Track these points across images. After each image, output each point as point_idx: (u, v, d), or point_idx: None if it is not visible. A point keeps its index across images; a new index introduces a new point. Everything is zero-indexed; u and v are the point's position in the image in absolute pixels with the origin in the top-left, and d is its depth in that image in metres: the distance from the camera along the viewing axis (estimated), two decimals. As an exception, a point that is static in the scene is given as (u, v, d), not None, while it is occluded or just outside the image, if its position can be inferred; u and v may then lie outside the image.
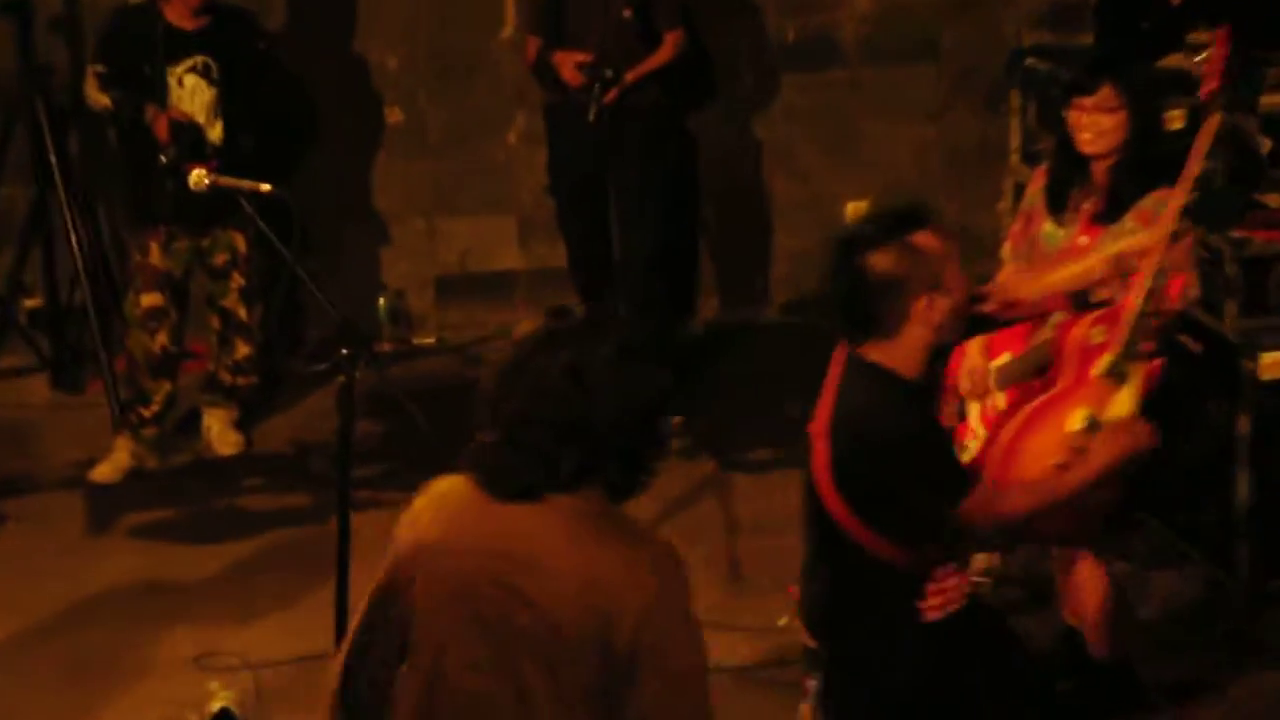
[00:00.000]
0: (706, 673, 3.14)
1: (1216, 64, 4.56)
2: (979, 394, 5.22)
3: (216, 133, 6.57)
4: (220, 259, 6.75)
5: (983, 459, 4.47)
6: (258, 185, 4.93)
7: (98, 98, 6.58)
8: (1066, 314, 4.82)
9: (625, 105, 6.95)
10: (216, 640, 5.58)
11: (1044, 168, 5.18)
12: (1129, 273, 4.55)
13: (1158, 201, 4.78)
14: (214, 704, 5.11)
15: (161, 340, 6.72)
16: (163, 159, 6.41)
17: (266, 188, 4.90)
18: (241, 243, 6.72)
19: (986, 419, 5.17)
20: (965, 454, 5.27)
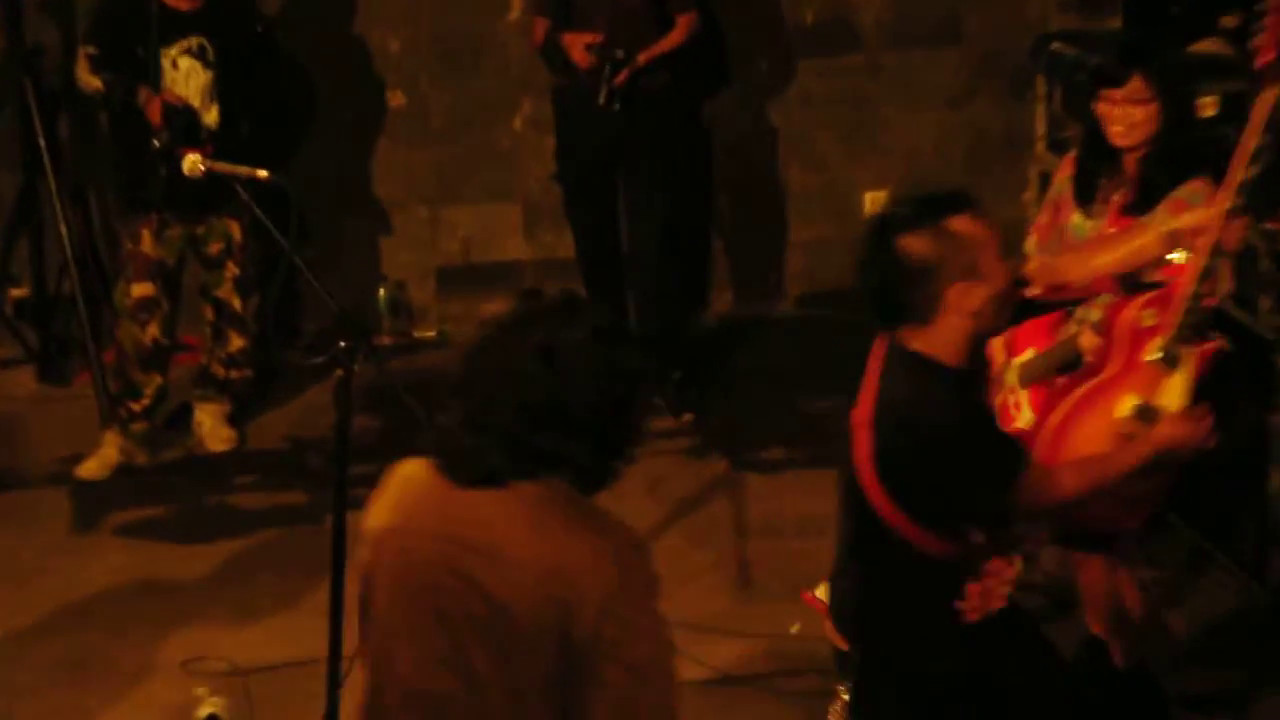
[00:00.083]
0: (672, 665, 3.13)
1: (1273, 35, 4.52)
2: (994, 390, 5.22)
3: (212, 117, 6.56)
4: (215, 248, 6.75)
5: (1029, 445, 4.46)
6: (254, 171, 4.93)
7: (89, 80, 6.58)
8: (1115, 296, 4.78)
9: (636, 90, 6.95)
10: (206, 644, 5.59)
11: (1071, 157, 5.17)
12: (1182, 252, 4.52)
13: (1192, 193, 4.77)
14: (202, 710, 5.12)
15: (153, 332, 6.72)
16: (156, 144, 6.41)
17: (263, 174, 4.90)
18: (237, 231, 6.72)
19: (1006, 418, 5.17)
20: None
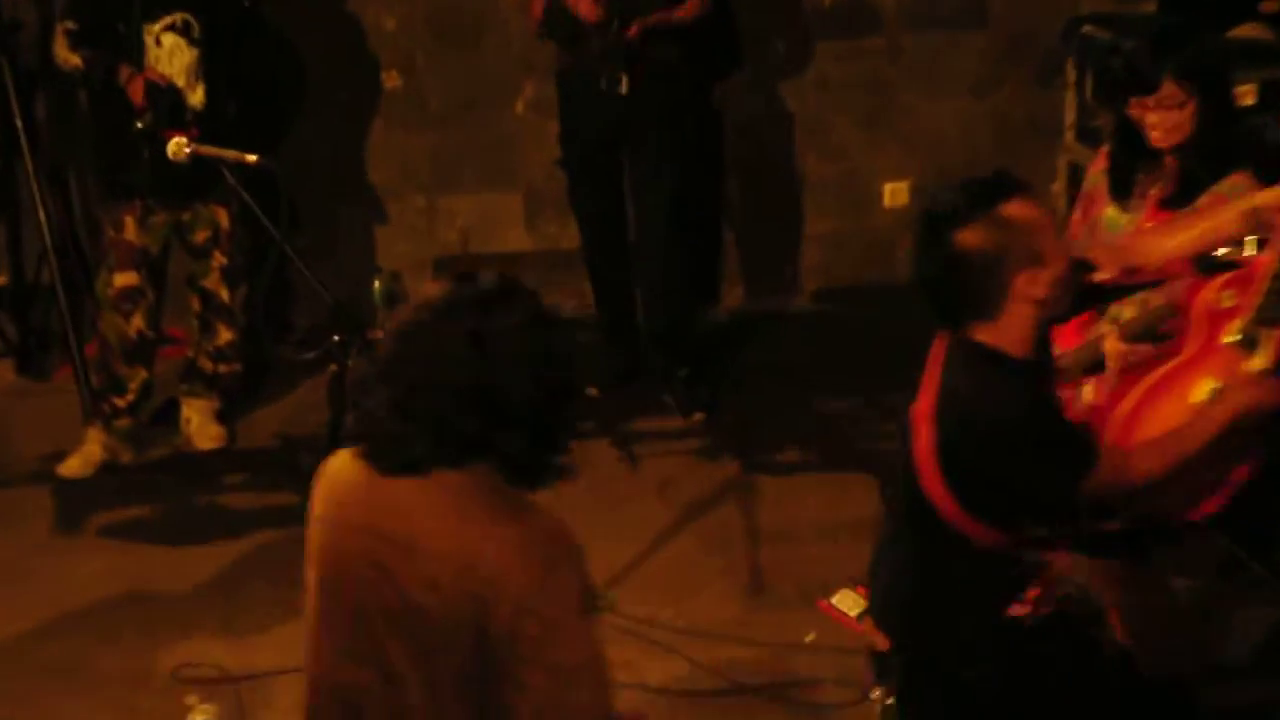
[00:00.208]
0: (602, 670, 3.16)
1: None
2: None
3: (197, 97, 6.57)
4: (201, 235, 6.77)
5: (1101, 432, 4.47)
6: (242, 155, 4.96)
7: (67, 57, 6.58)
8: (1191, 277, 4.78)
9: (644, 73, 6.97)
10: (195, 650, 5.61)
11: (1105, 150, 5.18)
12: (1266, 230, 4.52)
13: (1233, 186, 4.79)
14: (192, 719, 5.14)
15: (137, 323, 6.74)
16: (139, 125, 6.42)
17: (252, 158, 4.94)
18: (224, 218, 6.75)
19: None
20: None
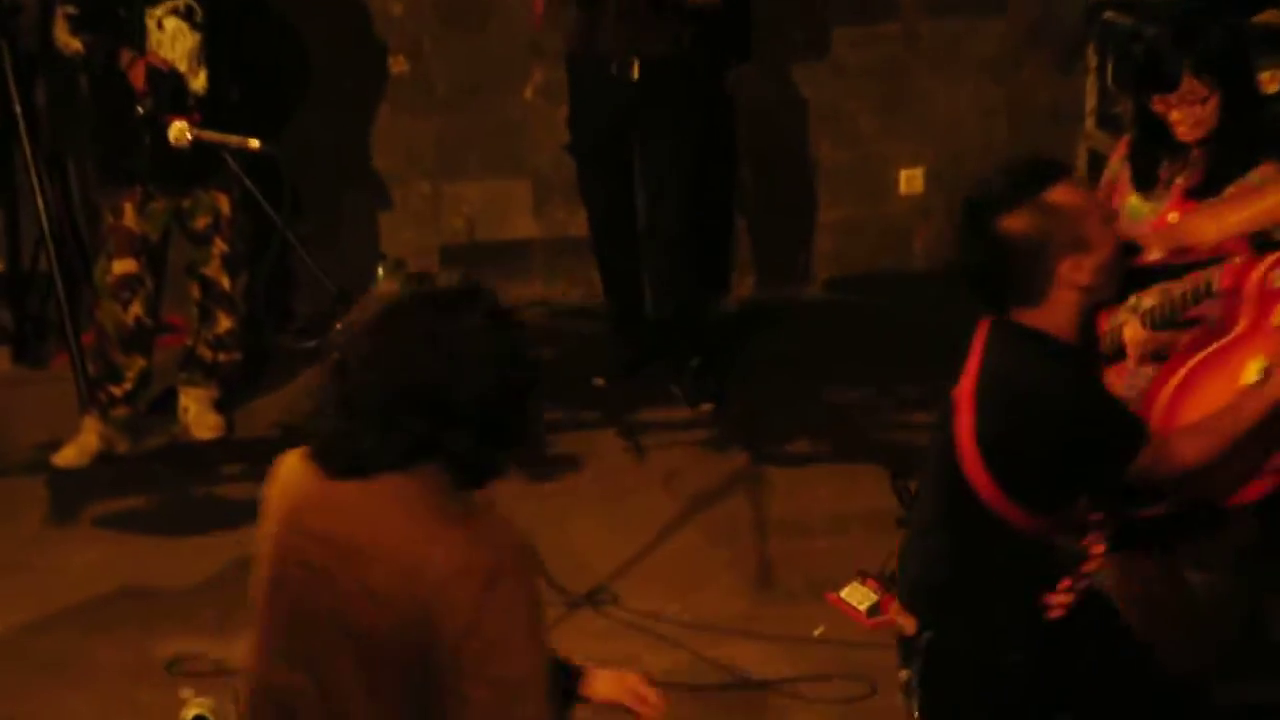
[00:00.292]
0: (544, 685, 3.14)
1: None
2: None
3: (200, 82, 6.59)
4: (201, 222, 6.78)
5: (1147, 413, 4.48)
6: (245, 141, 4.98)
7: (68, 41, 6.60)
8: (1246, 256, 4.78)
9: (654, 58, 6.99)
10: (192, 643, 5.63)
11: (1127, 137, 5.19)
12: None
13: (1263, 178, 4.81)
14: (189, 712, 5.16)
15: (135, 311, 6.76)
16: (139, 110, 6.44)
17: (255, 144, 4.95)
18: (225, 204, 6.76)
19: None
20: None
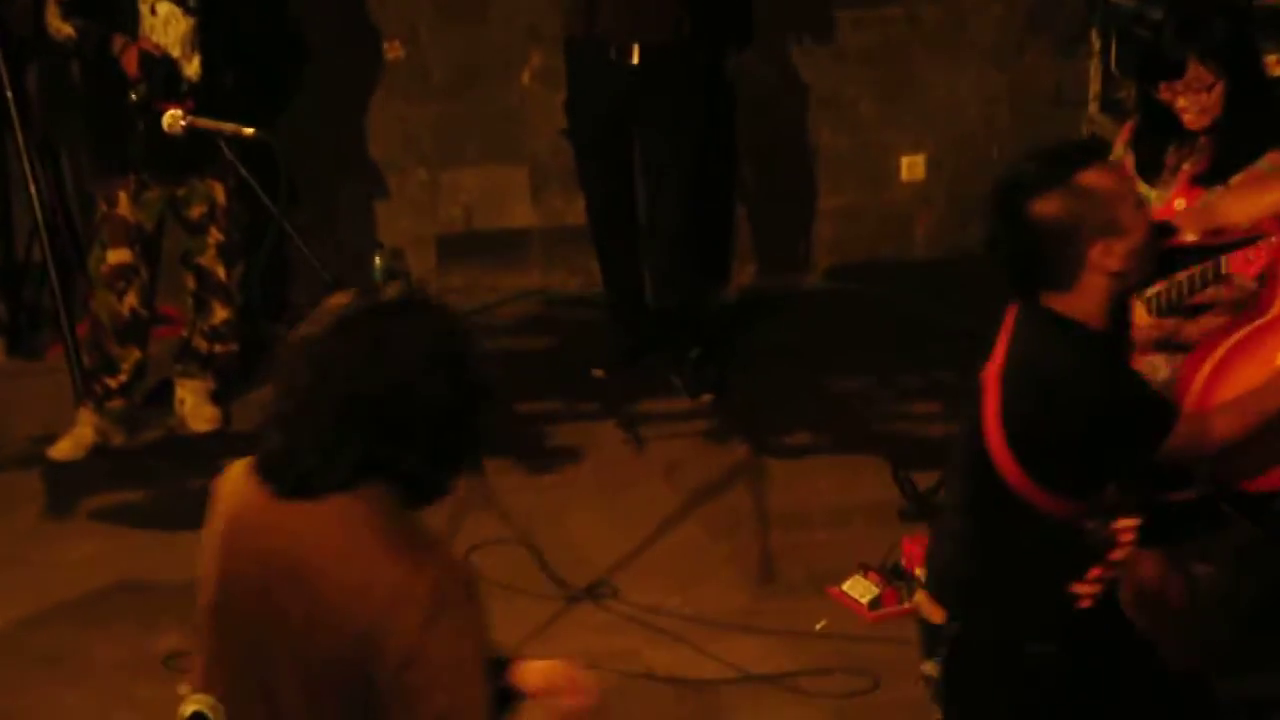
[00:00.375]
0: (487, 715, 3.12)
1: None
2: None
3: (193, 68, 6.59)
4: (196, 211, 6.80)
5: (1179, 396, 4.50)
6: (240, 128, 5.00)
7: (60, 27, 6.59)
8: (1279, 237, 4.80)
9: (654, 43, 7.00)
10: (189, 638, 5.65)
11: (1131, 123, 5.22)
12: None
13: (1272, 165, 4.84)
14: (187, 708, 5.16)
15: (130, 302, 6.77)
16: (133, 97, 6.45)
17: (250, 131, 4.97)
18: (221, 193, 6.76)
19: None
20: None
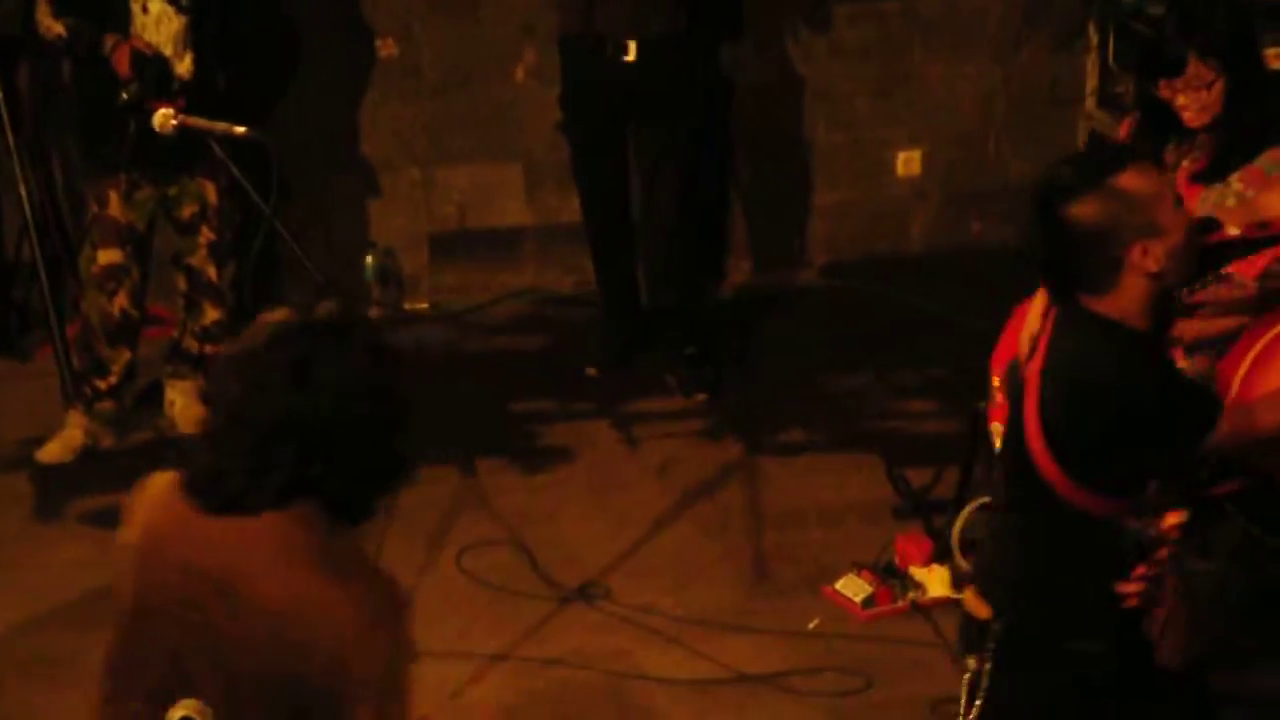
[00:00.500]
0: None
1: None
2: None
3: (185, 66, 6.59)
4: (188, 211, 6.80)
5: (1220, 392, 4.53)
6: (231, 127, 5.01)
7: (50, 25, 6.60)
8: None
9: (651, 38, 7.03)
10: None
11: (1129, 119, 5.25)
12: None
13: (1272, 161, 4.88)
14: (175, 713, 5.21)
15: (121, 302, 6.77)
16: (124, 96, 6.45)
17: (241, 130, 4.98)
18: (212, 193, 6.76)
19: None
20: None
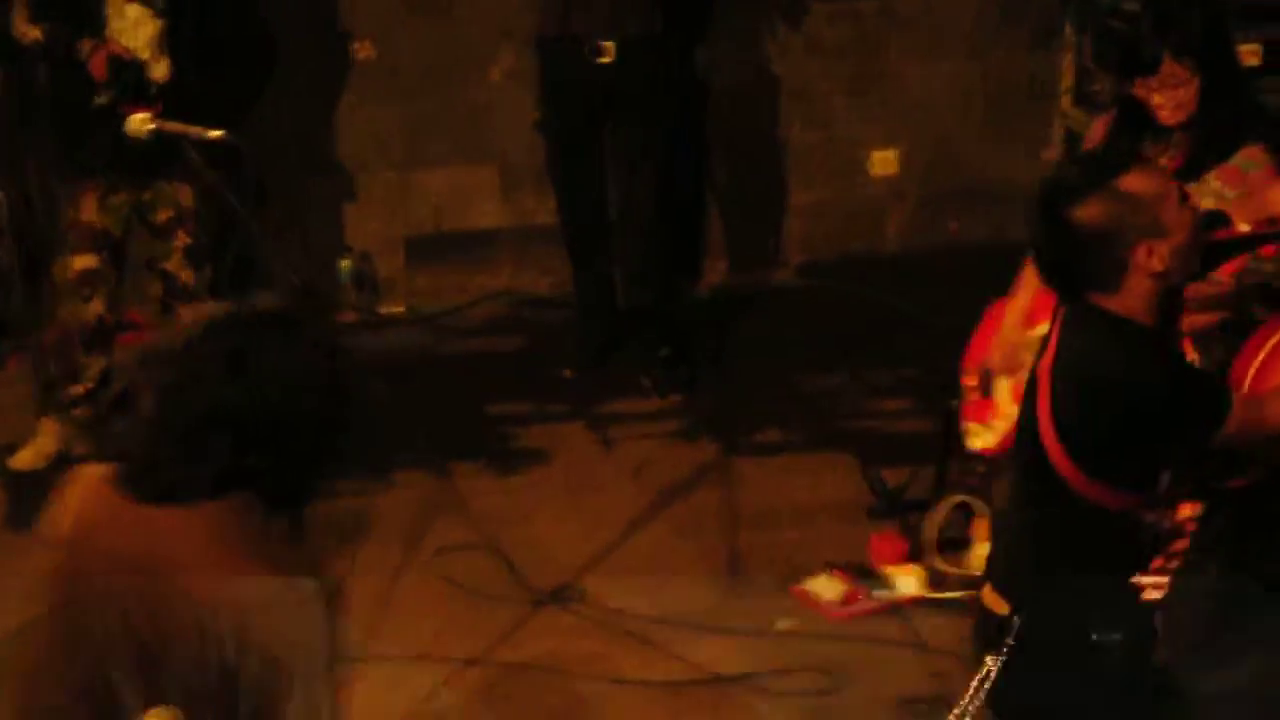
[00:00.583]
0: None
1: None
2: (1011, 369, 5.36)
3: (162, 70, 6.57)
4: (163, 215, 6.78)
5: (1235, 384, 4.57)
6: (206, 131, 5.01)
7: (26, 31, 6.59)
8: None
9: (629, 38, 7.07)
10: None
11: (1106, 117, 5.29)
12: None
13: (1247, 159, 4.95)
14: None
15: (96, 308, 6.74)
16: (100, 101, 6.47)
17: (216, 134, 4.98)
18: (188, 197, 6.73)
19: (1019, 396, 5.33)
20: (986, 438, 5.44)
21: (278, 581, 3.10)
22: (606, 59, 7.08)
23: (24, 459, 6.79)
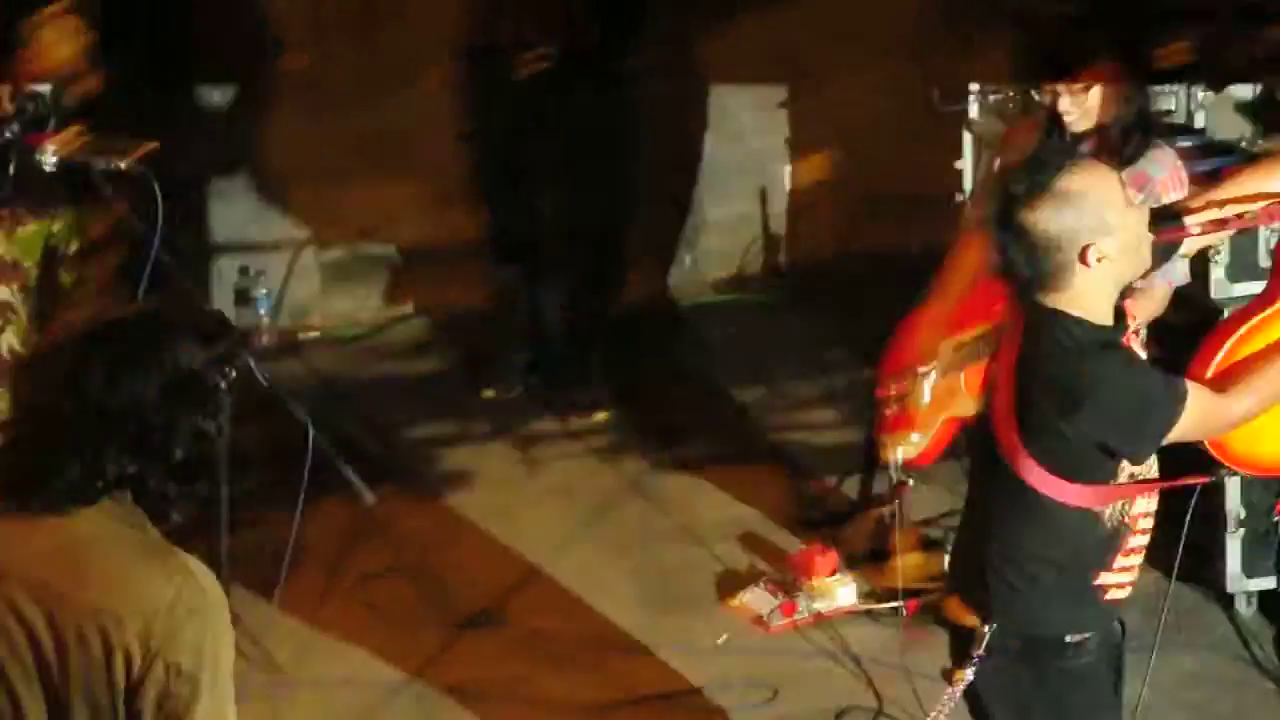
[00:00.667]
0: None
1: None
2: (935, 375, 5.38)
3: (91, 84, 6.39)
4: (74, 245, 6.80)
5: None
6: (113, 161, 5.00)
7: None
8: None
9: (558, 50, 7.07)
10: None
11: (1031, 122, 5.34)
12: None
13: (1150, 160, 5.00)
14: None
15: (8, 341, 6.76)
16: (7, 135, 6.45)
17: (124, 165, 4.98)
18: (98, 226, 6.76)
19: (941, 405, 5.36)
20: (908, 450, 5.45)
21: (166, 581, 3.09)
22: (535, 70, 7.05)
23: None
